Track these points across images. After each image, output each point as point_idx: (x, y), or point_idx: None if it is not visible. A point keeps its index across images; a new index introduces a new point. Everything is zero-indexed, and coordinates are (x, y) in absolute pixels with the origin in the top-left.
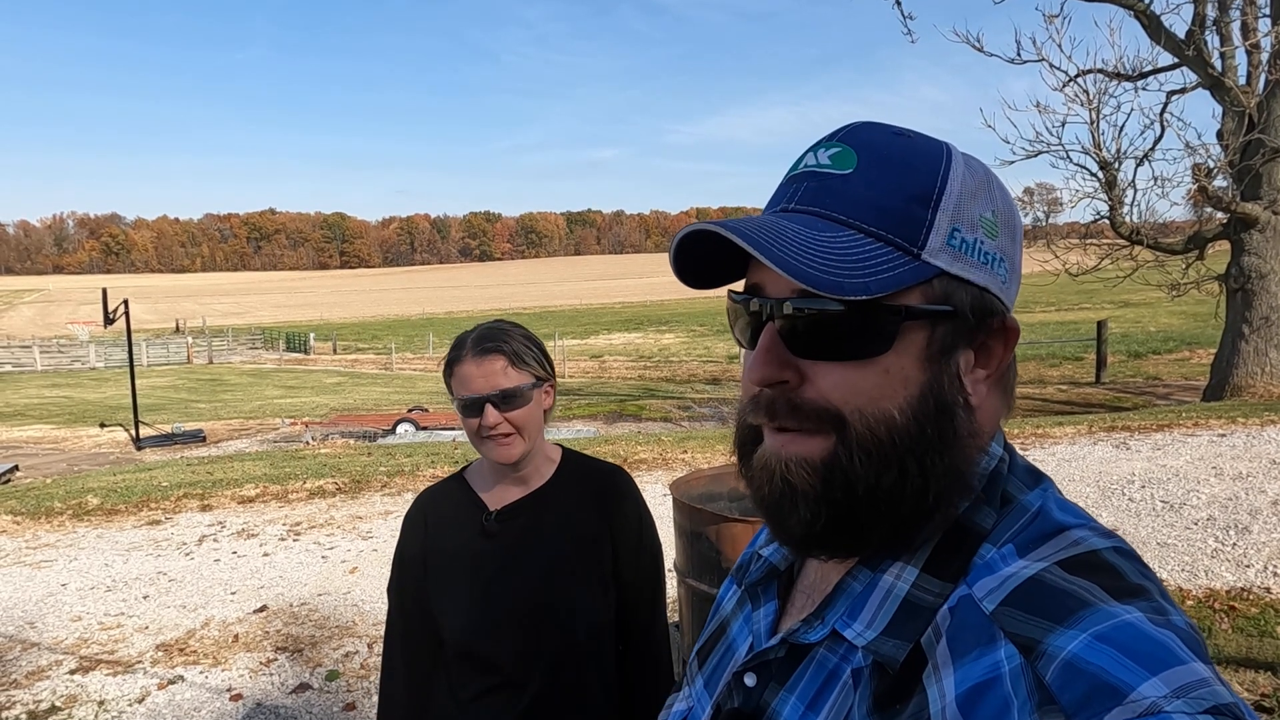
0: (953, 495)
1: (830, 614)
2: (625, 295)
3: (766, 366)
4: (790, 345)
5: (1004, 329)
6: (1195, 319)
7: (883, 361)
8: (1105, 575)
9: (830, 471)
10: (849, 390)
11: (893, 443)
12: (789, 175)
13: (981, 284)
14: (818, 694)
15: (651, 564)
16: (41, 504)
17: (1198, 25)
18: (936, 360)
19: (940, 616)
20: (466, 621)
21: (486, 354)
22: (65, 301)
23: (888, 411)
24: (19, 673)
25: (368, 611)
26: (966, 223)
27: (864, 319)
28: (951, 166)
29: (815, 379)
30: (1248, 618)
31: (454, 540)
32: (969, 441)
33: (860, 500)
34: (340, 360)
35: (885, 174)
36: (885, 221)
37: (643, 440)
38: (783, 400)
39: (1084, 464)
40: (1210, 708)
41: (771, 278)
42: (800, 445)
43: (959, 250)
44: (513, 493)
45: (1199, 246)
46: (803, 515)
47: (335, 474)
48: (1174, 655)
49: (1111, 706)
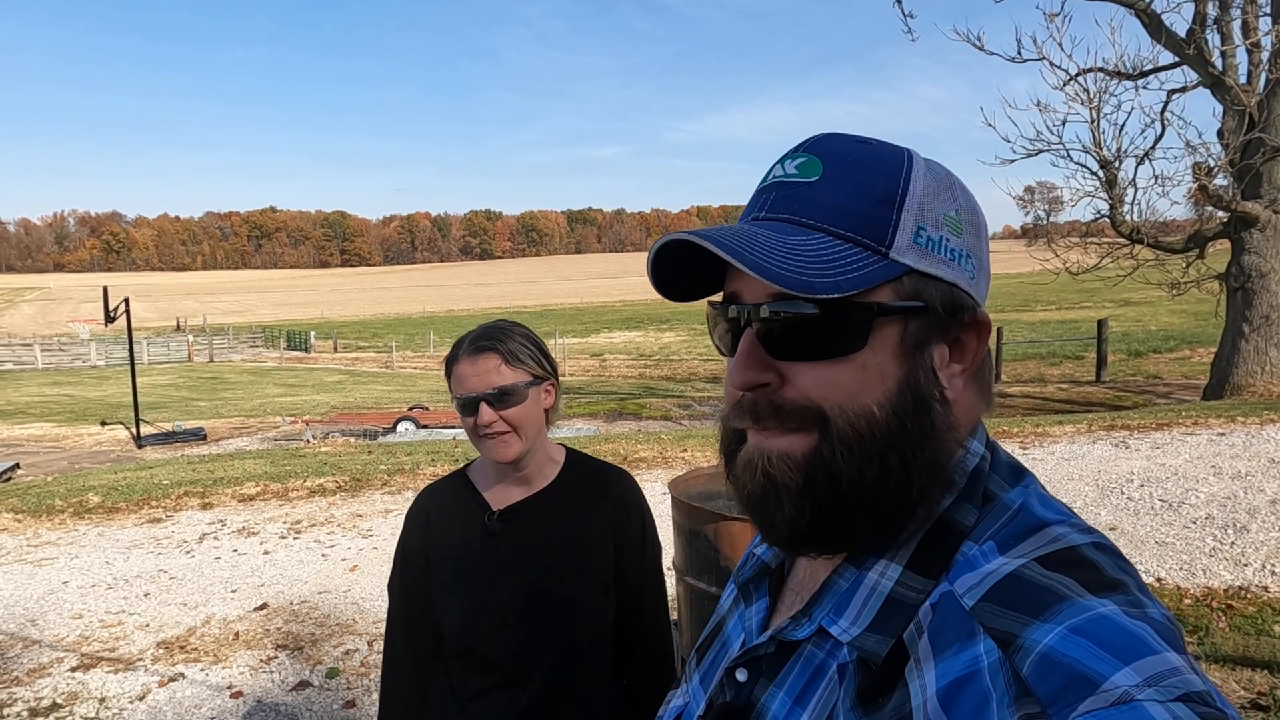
0: (935, 489)
1: (817, 611)
2: (626, 294)
3: (747, 370)
4: (769, 348)
5: (975, 323)
6: (1195, 318)
7: (859, 358)
8: (1083, 570)
9: (813, 467)
10: (829, 387)
11: (874, 437)
12: (759, 187)
13: (950, 280)
14: (804, 689)
15: (655, 566)
16: (43, 502)
17: (1198, 24)
18: (911, 355)
19: (922, 613)
20: (467, 620)
21: (480, 352)
22: (66, 299)
23: (867, 407)
24: (20, 670)
25: (368, 609)
26: (931, 221)
27: (838, 318)
28: (913, 169)
29: (795, 379)
30: (1245, 616)
31: (456, 538)
32: (947, 435)
33: (844, 495)
34: (341, 358)
35: (850, 179)
36: (852, 223)
37: (643, 439)
38: (765, 402)
39: (1083, 463)
40: (1181, 695)
41: (748, 284)
42: (782, 441)
43: (925, 248)
44: (515, 492)
45: (1199, 245)
46: (787, 512)
47: (336, 472)
48: (1147, 646)
49: (1085, 696)
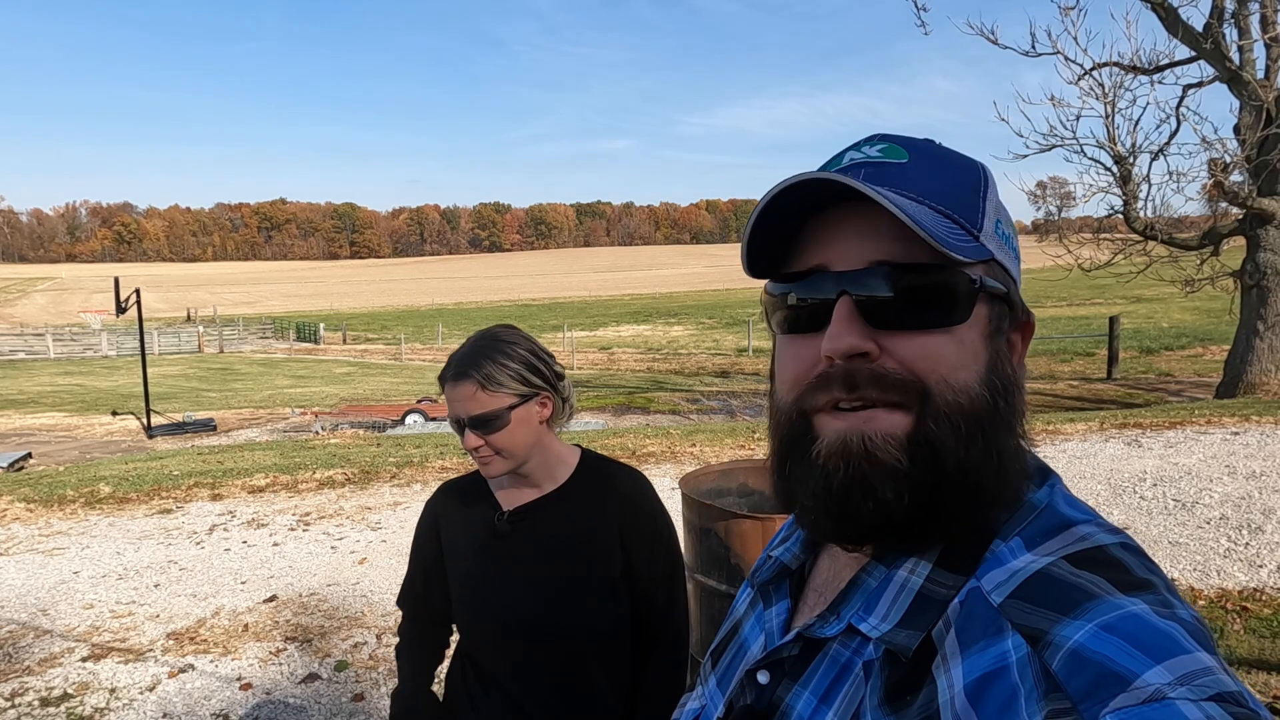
0: (1019, 478)
1: (846, 609)
2: (634, 287)
3: (849, 336)
4: (867, 318)
5: (1027, 324)
6: (1209, 315)
7: (959, 332)
8: (1112, 569)
9: (916, 446)
10: (933, 359)
11: (975, 414)
12: (835, 169)
13: (1015, 275)
14: (830, 687)
15: (668, 568)
16: (54, 491)
17: (1215, 18)
18: (993, 339)
19: (950, 609)
20: (474, 619)
21: (460, 379)
22: (78, 290)
23: (968, 382)
24: (32, 660)
25: (376, 602)
26: (1003, 217)
27: (950, 285)
28: (988, 170)
29: (895, 350)
30: (1260, 618)
31: (466, 536)
32: (1019, 426)
33: (948, 476)
34: (350, 350)
35: (937, 166)
36: (950, 202)
37: (651, 433)
38: (865, 372)
39: (1095, 461)
40: (1214, 695)
41: (840, 253)
42: (883, 421)
43: (1002, 240)
44: (527, 494)
45: (1214, 242)
46: (883, 497)
47: (344, 464)
48: (1179, 645)
49: (1116, 693)
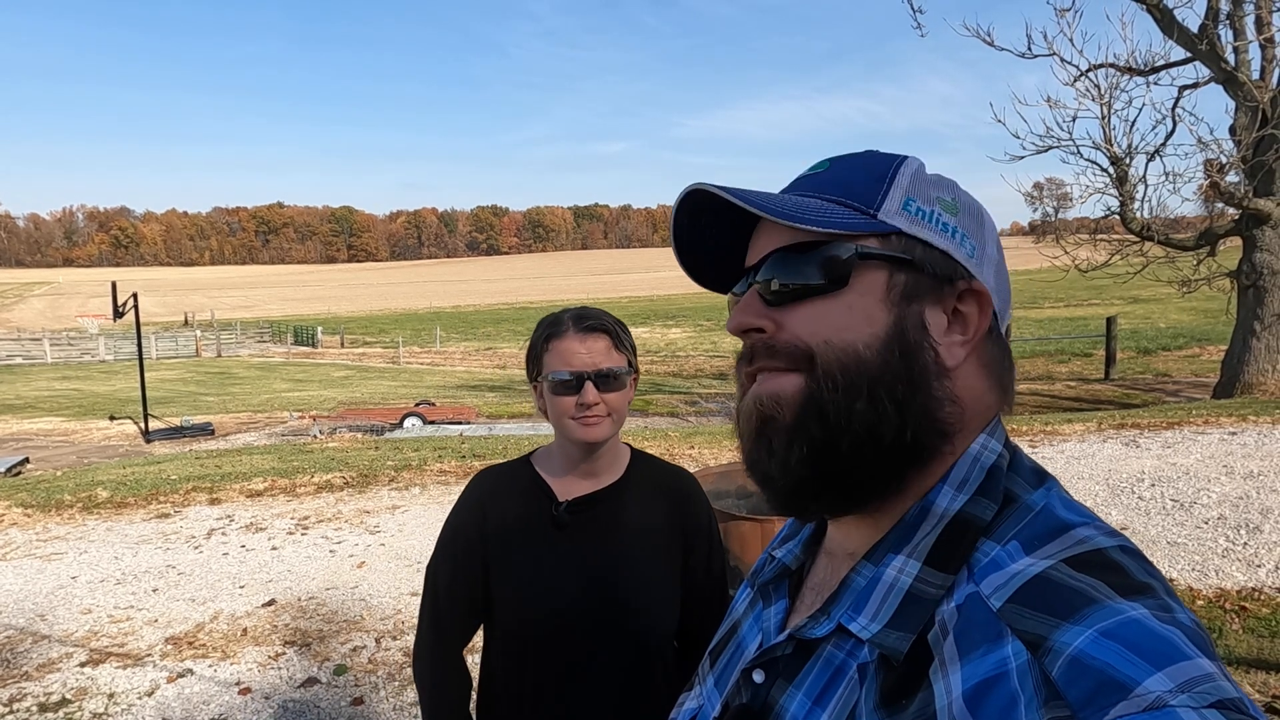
0: (931, 438)
1: (836, 609)
2: (632, 289)
3: (743, 314)
4: (765, 300)
5: (973, 292)
6: (1206, 315)
7: (845, 298)
8: (1111, 573)
9: (803, 405)
10: (816, 324)
11: (859, 372)
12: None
13: (942, 248)
14: (824, 689)
15: (721, 569)
16: (52, 496)
17: (1211, 19)
18: (899, 305)
19: (948, 614)
20: (531, 612)
21: (591, 331)
22: (75, 294)
23: (852, 344)
24: (30, 665)
25: (375, 606)
26: (921, 197)
27: (827, 257)
28: (908, 161)
29: (788, 323)
30: (1259, 618)
31: (519, 525)
32: (942, 395)
33: (836, 430)
34: (348, 354)
35: (850, 167)
36: (846, 192)
37: (649, 436)
38: (761, 344)
39: (1093, 462)
40: (1215, 702)
41: (755, 253)
42: (773, 383)
43: (916, 216)
44: (584, 485)
45: (1210, 243)
46: (780, 454)
47: (343, 468)
48: (1179, 651)
49: (1117, 701)
